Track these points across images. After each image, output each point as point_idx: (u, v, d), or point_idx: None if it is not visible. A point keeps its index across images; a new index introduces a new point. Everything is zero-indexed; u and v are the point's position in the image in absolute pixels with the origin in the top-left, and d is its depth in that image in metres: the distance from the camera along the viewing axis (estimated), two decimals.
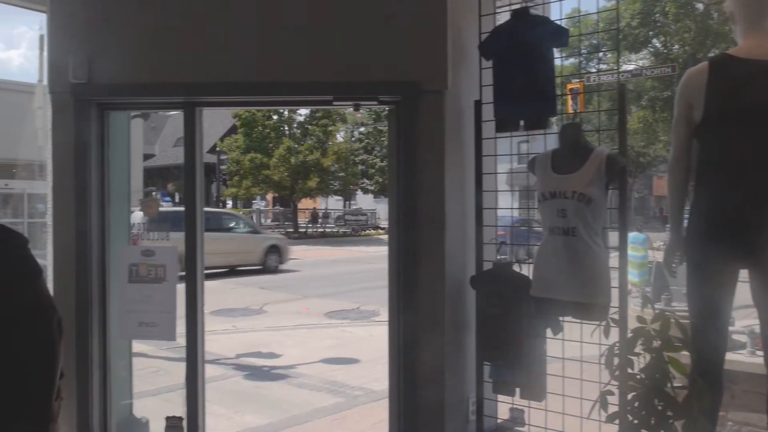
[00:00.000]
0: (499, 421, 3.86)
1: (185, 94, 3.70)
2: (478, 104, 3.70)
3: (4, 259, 2.05)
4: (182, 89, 3.68)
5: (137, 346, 4.54)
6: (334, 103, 3.74)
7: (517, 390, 3.56)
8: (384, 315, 10.22)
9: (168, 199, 23.99)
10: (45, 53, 4.50)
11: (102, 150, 3.80)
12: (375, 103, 3.73)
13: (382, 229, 35.64)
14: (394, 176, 3.74)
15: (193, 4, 3.74)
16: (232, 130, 32.17)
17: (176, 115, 34.41)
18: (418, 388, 3.65)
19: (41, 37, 7.73)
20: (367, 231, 33.66)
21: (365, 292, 13.01)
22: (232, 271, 16.94)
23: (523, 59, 3.47)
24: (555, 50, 3.52)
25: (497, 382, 3.63)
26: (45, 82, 4.96)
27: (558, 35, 3.46)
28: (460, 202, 3.77)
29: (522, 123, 3.57)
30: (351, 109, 4.64)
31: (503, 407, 3.85)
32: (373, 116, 33.23)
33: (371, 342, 8.70)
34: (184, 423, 3.79)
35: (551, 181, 3.28)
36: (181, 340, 3.92)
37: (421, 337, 3.63)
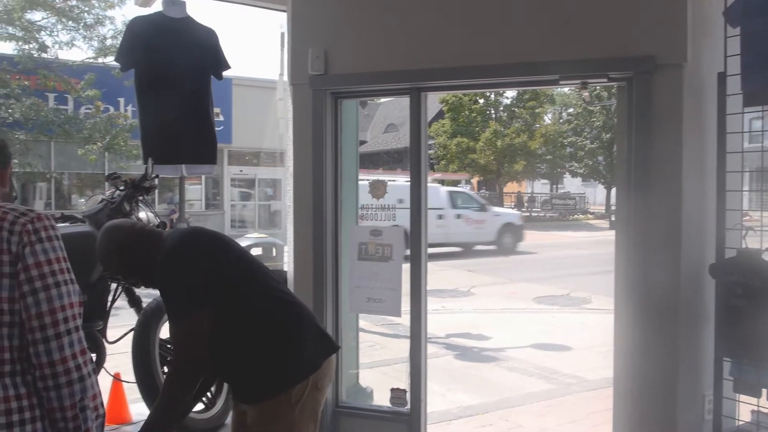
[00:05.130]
0: (739, 422, 3.53)
1: (412, 79, 3.83)
2: (722, 77, 3.37)
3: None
4: (409, 75, 3.82)
5: None
6: (561, 82, 3.64)
7: (764, 391, 3.25)
8: (595, 303, 9.95)
9: None
10: (285, 49, 4.94)
11: (336, 136, 4.10)
12: (605, 80, 3.55)
13: (592, 214, 34.10)
14: (624, 158, 3.55)
15: None
16: (439, 116, 32.74)
17: (386, 103, 35.90)
18: (648, 381, 3.47)
19: (282, 35, 8.54)
20: (576, 216, 32.46)
21: (575, 278, 12.61)
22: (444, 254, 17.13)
23: None
24: None
25: (739, 380, 3.33)
26: (285, 76, 5.45)
27: None
28: (699, 184, 3.49)
29: None
30: (569, 88, 4.46)
31: (745, 408, 3.52)
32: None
33: (583, 330, 8.44)
34: (407, 396, 3.98)
35: None
36: (396, 317, 4.11)
37: (651, 326, 3.44)
